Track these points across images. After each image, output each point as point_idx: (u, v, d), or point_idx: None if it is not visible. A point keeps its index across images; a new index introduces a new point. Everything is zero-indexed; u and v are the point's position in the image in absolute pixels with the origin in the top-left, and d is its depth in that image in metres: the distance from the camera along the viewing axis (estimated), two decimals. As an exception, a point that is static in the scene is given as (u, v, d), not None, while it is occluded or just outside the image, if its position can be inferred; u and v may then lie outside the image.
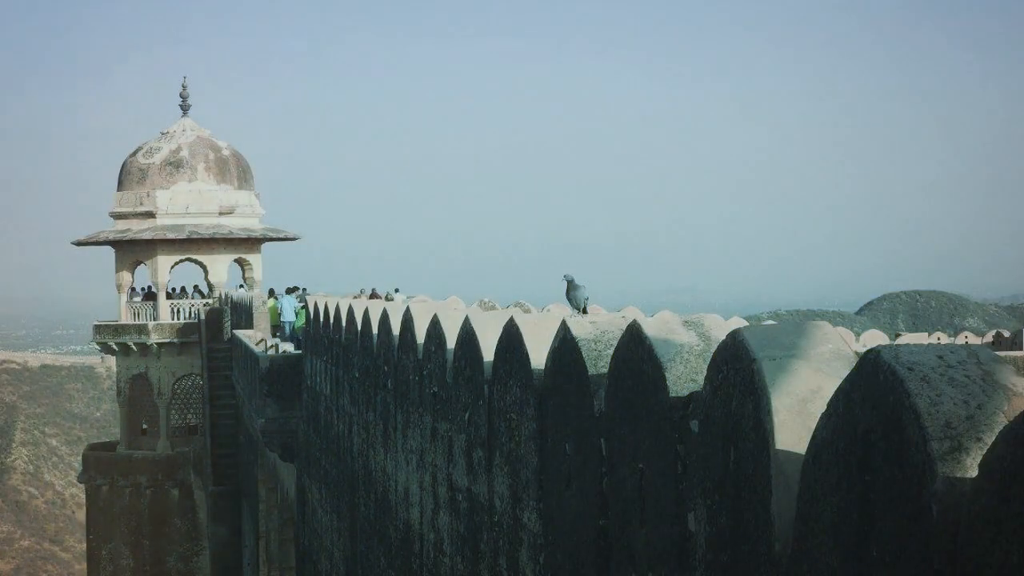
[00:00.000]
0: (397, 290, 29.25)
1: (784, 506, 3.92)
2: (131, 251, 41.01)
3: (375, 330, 12.99)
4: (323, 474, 18.14)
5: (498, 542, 7.77)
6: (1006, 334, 42.60)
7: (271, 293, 33.90)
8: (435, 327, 9.70)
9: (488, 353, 7.97)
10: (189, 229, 39.76)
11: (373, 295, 28.54)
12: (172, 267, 40.94)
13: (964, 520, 2.93)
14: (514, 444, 7.31)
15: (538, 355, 6.87)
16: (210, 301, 40.48)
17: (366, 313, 13.88)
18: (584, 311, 11.01)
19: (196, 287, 42.93)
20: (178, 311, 40.61)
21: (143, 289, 42.03)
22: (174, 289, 42.09)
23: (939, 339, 43.56)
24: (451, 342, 9.12)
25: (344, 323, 15.37)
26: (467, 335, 8.50)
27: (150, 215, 40.29)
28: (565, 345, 6.29)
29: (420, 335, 10.46)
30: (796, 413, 4.02)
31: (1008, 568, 2.75)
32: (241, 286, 41.80)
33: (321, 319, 18.26)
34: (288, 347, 25.20)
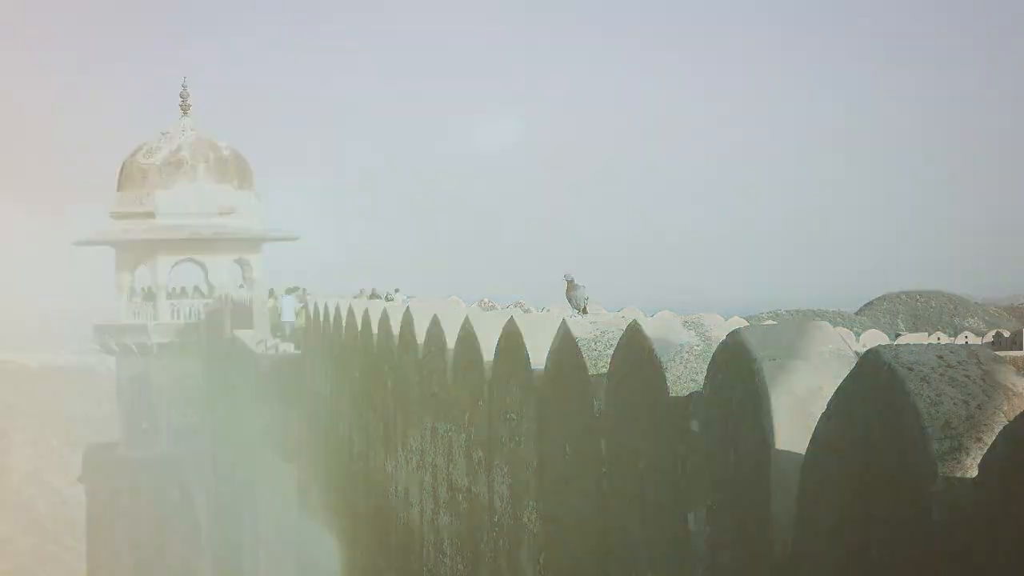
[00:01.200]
0: (397, 290, 29.19)
1: (784, 506, 3.92)
2: (131, 251, 41.00)
3: (375, 330, 12.99)
4: (323, 474, 18.13)
5: (498, 542, 7.77)
6: (1006, 334, 42.47)
7: (271, 293, 33.88)
8: (435, 327, 9.69)
9: (488, 353, 7.96)
10: (189, 230, 39.77)
11: (373, 295, 28.50)
12: (172, 267, 40.93)
13: (964, 520, 2.93)
14: (514, 444, 7.31)
15: (538, 355, 6.87)
16: (210, 301, 40.47)
17: (366, 313, 13.87)
18: (584, 311, 11.01)
19: (196, 287, 42.92)
20: (178, 311, 40.60)
21: (143, 289, 42.02)
22: (174, 289, 42.08)
23: (939, 339, 43.49)
24: (451, 342, 9.11)
25: (344, 323, 15.36)
26: (467, 335, 8.49)
27: (150, 216, 40.28)
28: (565, 345, 6.29)
29: (420, 335, 10.46)
30: (796, 413, 4.01)
31: (1008, 568, 2.74)
32: (241, 286, 41.78)
33: (321, 319, 18.25)
34: (288, 347, 25.19)
